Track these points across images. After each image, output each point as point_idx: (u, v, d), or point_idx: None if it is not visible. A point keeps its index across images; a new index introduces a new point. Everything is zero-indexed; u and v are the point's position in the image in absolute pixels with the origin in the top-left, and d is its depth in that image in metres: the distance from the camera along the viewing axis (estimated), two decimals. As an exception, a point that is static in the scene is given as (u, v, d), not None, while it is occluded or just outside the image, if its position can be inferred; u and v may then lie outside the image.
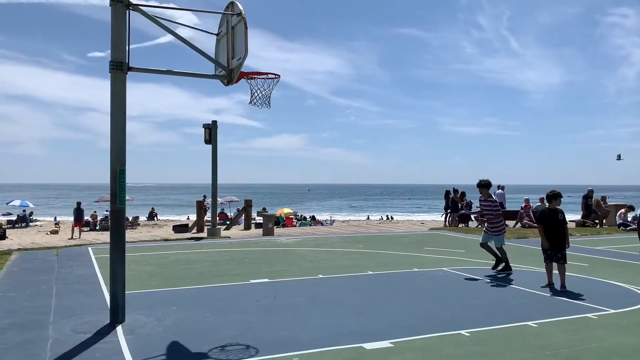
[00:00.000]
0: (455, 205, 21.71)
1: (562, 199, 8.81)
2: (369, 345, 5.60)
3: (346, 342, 5.70)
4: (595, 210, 21.49)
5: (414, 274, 9.93)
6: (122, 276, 6.59)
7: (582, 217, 21.78)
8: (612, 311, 7.08)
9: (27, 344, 5.69)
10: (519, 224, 20.62)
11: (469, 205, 22.97)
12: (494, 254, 10.20)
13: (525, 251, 13.32)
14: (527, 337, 5.94)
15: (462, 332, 6.10)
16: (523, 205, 21.38)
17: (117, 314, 6.48)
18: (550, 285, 8.61)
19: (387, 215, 54.49)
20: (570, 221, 16.20)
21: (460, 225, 21.24)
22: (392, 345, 5.64)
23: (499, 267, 10.09)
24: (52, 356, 5.31)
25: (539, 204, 21.08)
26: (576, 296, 7.99)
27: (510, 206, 27.73)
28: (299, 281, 9.23)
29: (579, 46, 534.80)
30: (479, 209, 10.56)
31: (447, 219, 22.18)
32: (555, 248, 8.55)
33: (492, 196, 10.25)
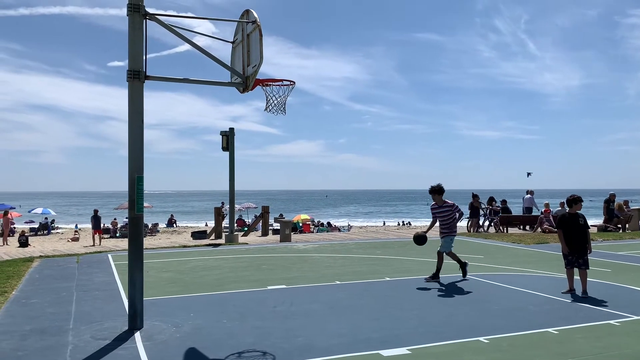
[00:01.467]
0: (475, 210, 21.52)
1: (582, 204, 8.67)
2: (386, 352, 5.56)
3: (364, 349, 5.67)
4: (618, 215, 21.13)
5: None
6: (140, 282, 6.64)
7: (604, 222, 21.43)
8: (636, 317, 6.94)
9: (47, 350, 5.76)
10: (539, 229, 20.36)
11: (498, 211, 22.63)
12: (458, 260, 9.98)
13: (545, 256, 13.13)
14: (548, 343, 5.84)
15: (481, 338, 6.03)
16: (543, 210, 21.10)
17: (136, 320, 6.53)
18: (571, 291, 8.47)
19: (402, 221, 54.18)
20: (592, 226, 15.96)
21: (486, 231, 21.03)
22: (409, 352, 5.59)
23: (465, 270, 9.96)
24: (71, 362, 5.36)
25: (559, 208, 20.79)
26: (598, 302, 7.84)
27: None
28: (316, 287, 9.21)
29: (598, 48, 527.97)
30: (435, 216, 10.01)
31: (468, 224, 22.00)
32: (576, 253, 8.41)
33: (446, 201, 9.81)
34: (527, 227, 21.94)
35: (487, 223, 22.32)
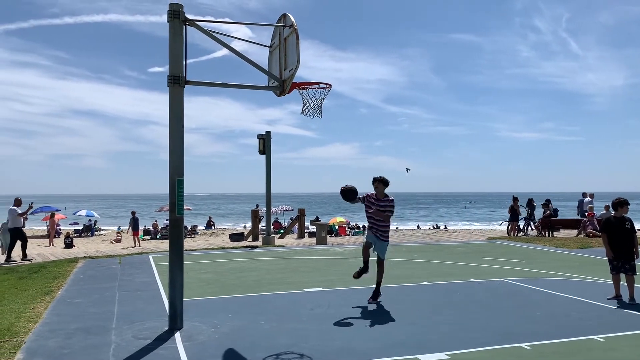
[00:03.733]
0: (514, 213, 21.07)
1: (629, 207, 8.37)
2: (424, 357, 5.49)
3: (401, 353, 5.61)
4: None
5: (471, 285, 9.68)
6: (180, 283, 6.76)
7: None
8: (688, 326, 6.64)
9: (91, 349, 5.92)
10: (582, 233, 19.76)
11: (555, 213, 22.05)
12: (365, 263, 8.49)
13: (589, 261, 12.72)
14: (593, 351, 5.66)
15: (523, 345, 5.88)
16: (586, 213, 20.47)
17: (176, 320, 6.65)
18: (617, 297, 8.18)
19: (435, 224, 53.44)
20: (639, 230, 15.36)
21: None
22: (448, 357, 5.50)
23: (363, 274, 8.51)
24: (114, 360, 5.50)
25: (604, 211, 20.12)
26: (647, 309, 7.54)
27: (572, 214, 26.64)
28: (352, 290, 9.18)
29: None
30: (378, 211, 8.22)
31: (508, 228, 21.56)
32: (622, 258, 8.12)
33: (387, 196, 8.38)
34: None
35: (527, 227, 21.82)
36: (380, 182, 8.34)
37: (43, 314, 7.54)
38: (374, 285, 8.47)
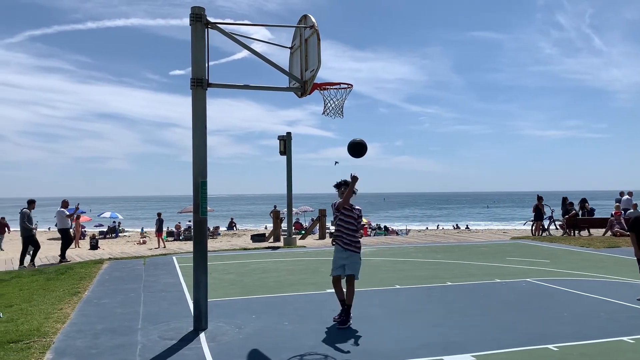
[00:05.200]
0: (539, 212, 20.75)
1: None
2: (449, 358, 5.44)
3: (426, 355, 5.57)
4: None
5: (496, 285, 9.56)
6: (204, 284, 6.81)
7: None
8: None
9: (118, 349, 6.00)
10: (609, 232, 19.38)
11: (591, 212, 21.67)
12: (343, 303, 6.96)
13: (618, 261, 12.47)
14: (623, 353, 5.54)
15: (550, 346, 5.79)
16: (613, 212, 20.07)
17: (200, 321, 6.70)
18: (647, 298, 7.99)
19: (456, 224, 52.95)
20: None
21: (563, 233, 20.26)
22: (474, 358, 5.44)
23: (349, 322, 6.84)
24: (141, 361, 5.57)
25: (631, 210, 19.70)
26: (678, 310, 7.36)
27: (599, 213, 26.14)
28: (375, 291, 9.14)
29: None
30: (334, 221, 7.17)
31: (532, 227, 21.26)
32: (652, 258, 7.94)
33: (353, 206, 7.05)
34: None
35: (552, 226, 21.49)
36: (345, 186, 7.08)
37: (71, 315, 7.66)
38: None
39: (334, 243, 7.12)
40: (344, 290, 7.00)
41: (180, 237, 33.34)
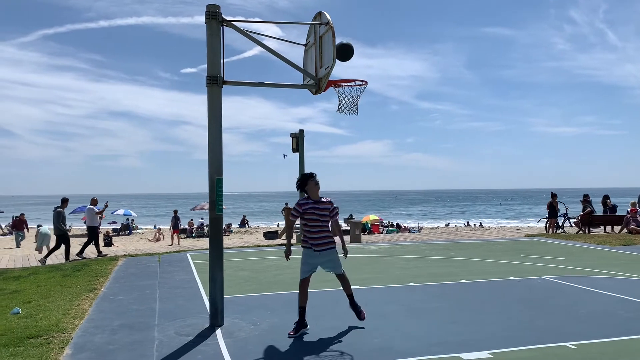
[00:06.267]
0: (553, 209, 20.60)
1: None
2: (466, 356, 5.42)
3: (442, 352, 5.56)
4: None
5: (511, 283, 9.50)
6: (220, 281, 6.85)
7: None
8: None
9: (135, 345, 6.06)
10: (624, 230, 19.17)
11: (613, 209, 21.46)
12: (302, 311, 6.51)
13: (634, 259, 12.33)
14: (642, 352, 5.48)
15: (568, 344, 5.75)
16: (629, 210, 19.84)
17: (217, 317, 6.74)
18: (666, 296, 7.90)
19: (466, 222, 52.66)
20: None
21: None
22: (491, 356, 5.42)
23: (302, 329, 6.45)
24: (158, 357, 5.61)
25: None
26: (698, 309, 7.26)
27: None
28: (390, 289, 9.13)
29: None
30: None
31: (546, 225, 21.11)
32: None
33: (322, 197, 6.62)
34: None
35: (567, 224, 21.32)
36: (309, 181, 6.56)
37: (88, 311, 7.75)
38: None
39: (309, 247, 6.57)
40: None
41: (193, 234, 33.53)
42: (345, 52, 7.04)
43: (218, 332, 6.50)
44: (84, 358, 5.60)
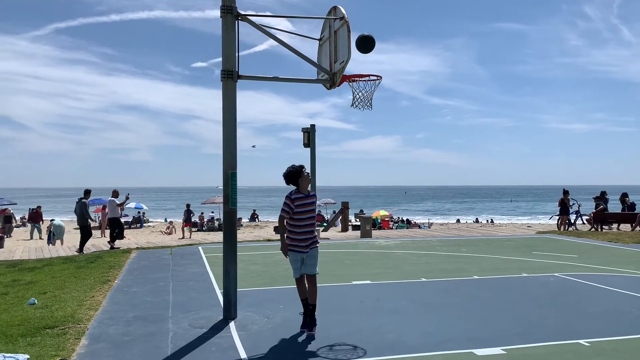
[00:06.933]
0: (565, 207, 20.47)
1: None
2: (479, 352, 5.43)
3: (455, 347, 5.57)
4: None
5: (523, 279, 9.47)
6: (234, 274, 6.90)
7: None
8: None
9: (150, 336, 6.12)
10: (638, 227, 19.02)
11: (632, 207, 21.31)
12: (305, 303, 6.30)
13: (647, 257, 12.23)
14: (657, 350, 5.46)
15: (581, 341, 5.74)
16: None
17: (230, 310, 6.79)
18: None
19: (476, 218, 52.44)
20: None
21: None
22: (504, 352, 5.42)
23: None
24: (173, 348, 5.67)
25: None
26: None
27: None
28: (401, 284, 9.14)
29: None
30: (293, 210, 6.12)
31: (558, 222, 21.00)
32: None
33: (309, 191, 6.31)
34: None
35: (579, 221, 21.19)
36: (297, 176, 6.19)
37: (102, 302, 7.84)
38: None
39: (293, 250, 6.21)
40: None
41: (204, 228, 33.71)
42: (367, 44, 6.92)
43: (232, 325, 6.55)
44: (99, 349, 5.67)
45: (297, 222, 6.13)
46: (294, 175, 6.14)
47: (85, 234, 14.84)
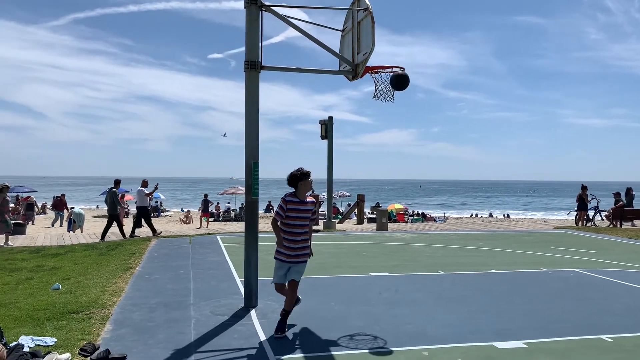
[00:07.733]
0: (583, 202, 20.26)
1: None
2: (500, 344, 5.44)
3: (476, 340, 5.58)
4: None
5: (542, 274, 9.43)
6: (255, 263, 6.98)
7: None
8: None
9: (173, 322, 6.23)
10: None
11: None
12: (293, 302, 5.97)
13: (668, 254, 12.09)
14: (680, 347, 5.42)
15: (603, 337, 5.72)
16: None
17: (251, 298, 6.88)
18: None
19: (490, 213, 52.05)
20: None
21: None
22: (525, 345, 5.42)
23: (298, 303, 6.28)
24: (196, 335, 5.77)
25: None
26: None
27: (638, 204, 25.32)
28: (419, 276, 9.16)
29: None
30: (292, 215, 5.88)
31: (576, 217, 20.80)
32: None
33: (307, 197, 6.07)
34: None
35: (597, 217, 20.96)
36: (300, 179, 5.97)
37: (125, 289, 7.97)
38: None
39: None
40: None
41: (220, 218, 33.95)
42: (401, 83, 7.21)
43: (252, 312, 6.63)
44: (124, 334, 5.78)
45: (287, 228, 5.89)
46: (294, 178, 5.98)
47: (114, 222, 15.15)
